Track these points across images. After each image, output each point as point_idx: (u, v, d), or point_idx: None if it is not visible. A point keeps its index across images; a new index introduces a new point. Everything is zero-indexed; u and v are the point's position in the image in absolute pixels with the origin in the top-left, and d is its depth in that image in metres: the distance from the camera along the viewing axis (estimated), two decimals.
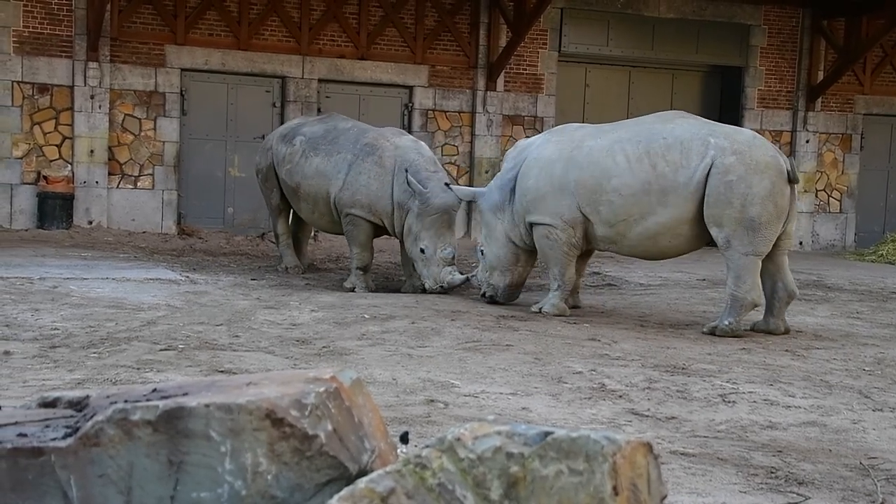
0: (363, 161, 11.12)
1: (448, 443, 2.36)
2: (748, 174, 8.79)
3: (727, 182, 8.78)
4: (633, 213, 9.09)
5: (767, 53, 19.10)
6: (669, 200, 8.96)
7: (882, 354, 8.40)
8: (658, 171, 8.98)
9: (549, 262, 9.62)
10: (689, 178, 8.90)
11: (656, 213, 9.02)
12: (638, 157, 9.07)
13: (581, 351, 7.84)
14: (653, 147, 9.06)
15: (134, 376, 6.16)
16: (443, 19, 17.07)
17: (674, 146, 9.01)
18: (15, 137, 15.08)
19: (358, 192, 11.07)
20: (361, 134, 11.48)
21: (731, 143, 8.92)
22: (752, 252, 8.80)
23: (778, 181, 8.88)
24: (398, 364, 6.98)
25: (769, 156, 8.96)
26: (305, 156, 11.63)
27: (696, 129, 9.11)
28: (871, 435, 5.73)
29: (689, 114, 9.76)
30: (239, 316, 8.66)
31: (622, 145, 9.20)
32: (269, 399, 2.41)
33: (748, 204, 8.75)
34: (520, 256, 9.91)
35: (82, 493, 2.41)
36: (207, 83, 16.09)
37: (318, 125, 12.03)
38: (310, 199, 11.60)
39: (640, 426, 5.63)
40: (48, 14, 15.10)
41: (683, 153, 8.95)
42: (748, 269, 8.82)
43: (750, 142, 9.04)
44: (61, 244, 13.75)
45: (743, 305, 8.87)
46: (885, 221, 20.15)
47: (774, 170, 8.89)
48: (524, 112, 17.57)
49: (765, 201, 8.78)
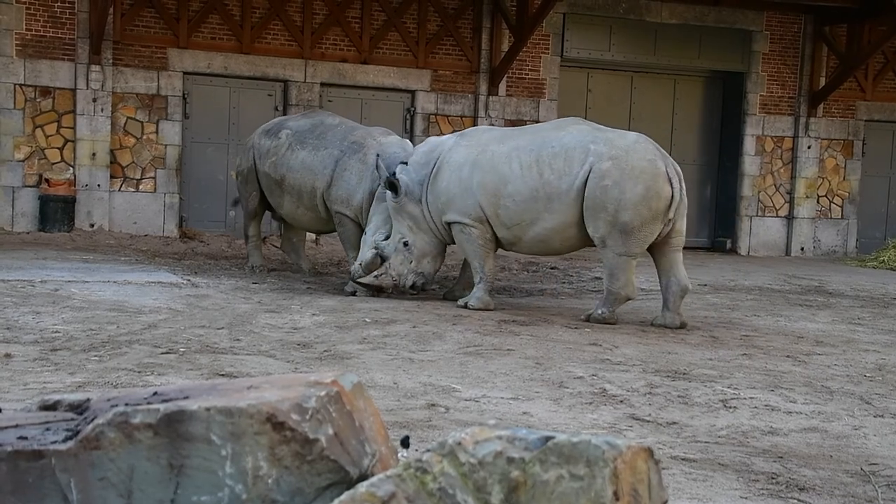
0: (349, 158, 11.12)
1: (449, 447, 2.36)
2: (622, 179, 9.22)
3: (602, 187, 9.26)
4: (525, 218, 9.63)
5: (769, 59, 19.11)
6: (554, 206, 9.49)
7: (883, 360, 8.39)
8: (544, 179, 9.50)
9: (469, 256, 10.12)
10: (570, 184, 9.41)
11: (544, 218, 9.56)
12: (529, 165, 9.59)
13: (582, 356, 7.84)
14: (542, 155, 9.57)
15: (135, 379, 6.16)
16: (445, 24, 17.08)
17: (559, 154, 9.51)
18: (17, 140, 15.10)
19: (341, 189, 11.08)
20: (349, 131, 11.44)
21: (609, 149, 9.35)
22: (624, 253, 9.32)
23: (654, 185, 9.22)
24: (399, 368, 6.98)
25: (646, 160, 9.31)
26: (292, 148, 11.54)
27: (582, 137, 9.56)
28: (872, 441, 5.72)
29: (585, 121, 10.13)
30: (240, 319, 8.66)
31: (518, 153, 9.70)
32: (270, 403, 2.41)
33: (621, 209, 9.21)
34: (442, 245, 10.39)
35: (82, 496, 2.41)
36: (210, 86, 16.11)
37: (303, 120, 11.98)
38: (294, 193, 11.52)
39: (641, 431, 5.63)
40: (51, 17, 15.12)
41: (567, 161, 9.45)
42: (621, 267, 9.36)
43: (629, 147, 9.41)
44: (63, 247, 13.75)
45: (617, 299, 9.48)
46: (887, 227, 20.16)
47: (650, 174, 9.24)
48: (526, 117, 17.58)
49: (637, 206, 9.20)
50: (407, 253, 10.28)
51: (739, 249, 19.02)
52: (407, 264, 10.29)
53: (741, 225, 19.19)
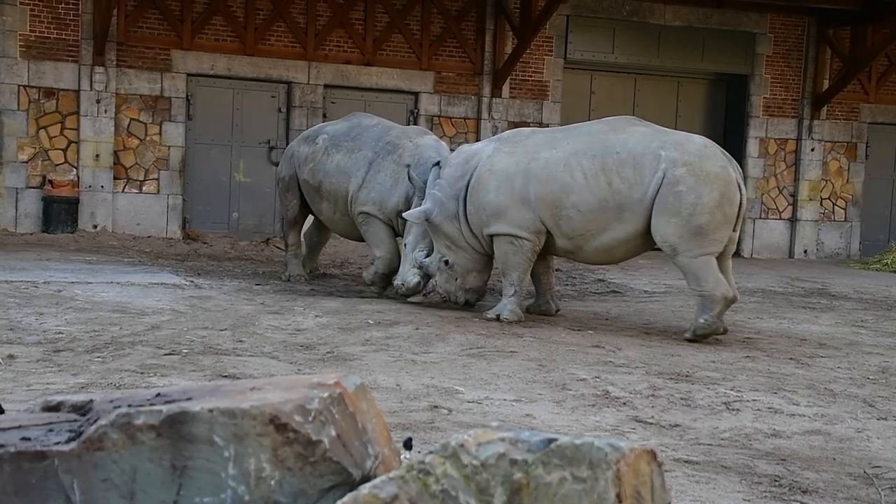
0: (383, 160, 10.88)
1: (451, 449, 2.36)
2: (697, 185, 8.83)
3: (676, 192, 8.82)
4: (591, 228, 9.14)
5: (773, 62, 19.10)
6: (626, 217, 9.02)
7: (886, 363, 8.39)
8: (614, 188, 9.01)
9: (510, 268, 9.50)
10: (643, 193, 8.95)
11: (612, 228, 9.09)
12: (594, 174, 9.07)
13: (585, 358, 7.84)
14: (608, 162, 9.06)
15: (138, 381, 6.17)
16: (449, 26, 17.09)
17: (627, 161, 9.02)
18: (21, 141, 15.11)
19: (373, 190, 10.84)
20: (385, 132, 11.23)
21: (682, 154, 8.93)
22: (701, 253, 8.86)
23: (727, 191, 8.92)
24: (402, 370, 6.98)
25: (719, 166, 8.98)
26: (328, 153, 11.38)
27: (648, 142, 9.09)
28: (875, 444, 5.72)
29: (641, 120, 9.69)
30: (243, 321, 8.66)
31: (578, 159, 9.17)
32: (272, 404, 2.41)
33: (696, 213, 8.80)
34: (486, 258, 9.87)
35: (85, 497, 2.41)
36: (213, 88, 16.12)
37: (341, 123, 11.82)
38: (331, 198, 11.33)
39: (644, 434, 5.62)
40: (55, 18, 15.14)
41: (637, 169, 8.98)
42: (703, 267, 8.86)
43: (700, 152, 9.03)
44: (66, 248, 13.76)
45: (714, 301, 8.83)
46: (890, 230, 20.14)
47: (724, 180, 8.92)
48: (530, 119, 17.57)
49: (713, 212, 8.83)
50: (451, 272, 9.91)
51: (742, 252, 19.00)
52: (453, 282, 9.92)
53: (744, 227, 19.15)
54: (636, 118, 9.79)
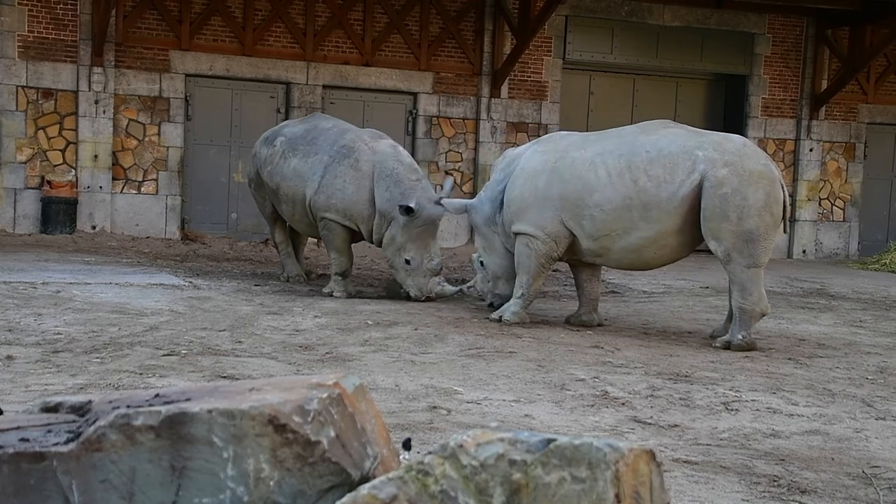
0: (339, 164, 10.90)
1: (451, 449, 2.36)
2: (742, 186, 8.63)
3: (722, 195, 8.61)
4: (616, 227, 8.96)
5: (771, 62, 19.11)
6: (652, 216, 8.81)
7: (885, 363, 8.39)
8: (639, 186, 8.83)
9: (521, 270, 9.44)
10: (672, 193, 8.75)
11: (639, 228, 8.88)
12: (619, 172, 8.93)
13: (584, 358, 7.84)
14: (634, 161, 8.91)
15: (136, 381, 6.17)
16: (447, 26, 17.09)
17: (657, 160, 8.85)
18: (19, 142, 15.10)
19: (333, 196, 10.85)
20: (340, 135, 11.21)
21: (722, 154, 8.73)
22: (753, 264, 8.67)
23: (772, 190, 8.75)
24: (401, 370, 6.98)
25: (761, 164, 8.80)
26: (284, 156, 11.40)
27: (683, 142, 8.92)
28: (873, 444, 5.72)
29: (675, 123, 9.55)
30: (242, 321, 8.66)
31: (604, 158, 9.04)
32: (271, 405, 2.41)
33: (745, 216, 8.61)
34: None
35: (84, 497, 2.41)
36: (212, 89, 16.12)
37: (299, 125, 11.84)
38: (289, 201, 11.38)
39: (643, 434, 5.62)
40: (53, 19, 15.13)
41: (667, 168, 8.80)
42: (752, 280, 8.68)
43: (741, 151, 8.84)
44: (65, 249, 13.76)
45: (752, 317, 8.73)
46: (889, 230, 20.15)
47: (768, 179, 8.75)
48: (528, 119, 17.58)
49: (761, 213, 8.65)
50: (484, 272, 9.99)
51: None
52: (486, 283, 10.01)
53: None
54: (671, 121, 9.68)
